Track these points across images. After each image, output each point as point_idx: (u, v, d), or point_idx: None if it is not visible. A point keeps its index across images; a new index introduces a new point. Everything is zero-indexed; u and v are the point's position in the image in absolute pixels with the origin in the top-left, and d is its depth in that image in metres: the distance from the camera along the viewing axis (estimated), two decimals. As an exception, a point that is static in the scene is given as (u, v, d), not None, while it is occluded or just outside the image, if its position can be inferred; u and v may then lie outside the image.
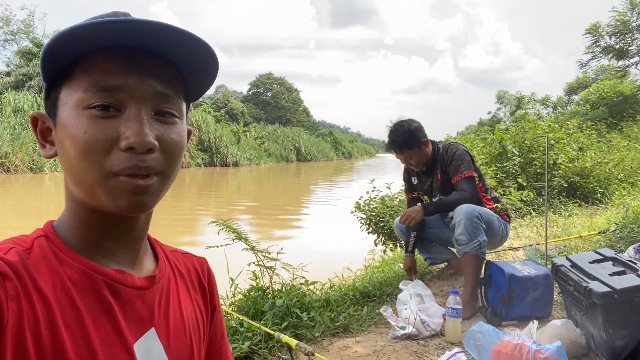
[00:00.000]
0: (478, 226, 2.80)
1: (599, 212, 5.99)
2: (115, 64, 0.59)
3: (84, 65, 0.59)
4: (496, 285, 2.78)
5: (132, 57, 0.59)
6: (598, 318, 2.05)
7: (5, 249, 0.56)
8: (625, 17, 14.59)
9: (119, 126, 0.58)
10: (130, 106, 0.59)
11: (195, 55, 0.62)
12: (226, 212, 11.52)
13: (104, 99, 0.58)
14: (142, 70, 0.60)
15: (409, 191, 3.43)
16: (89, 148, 0.57)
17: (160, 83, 0.61)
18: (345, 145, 78.84)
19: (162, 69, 0.62)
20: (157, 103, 0.61)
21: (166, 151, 0.61)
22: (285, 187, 22.41)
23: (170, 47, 0.60)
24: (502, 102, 46.80)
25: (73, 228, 0.64)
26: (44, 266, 0.57)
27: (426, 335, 2.52)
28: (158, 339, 0.65)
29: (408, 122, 3.11)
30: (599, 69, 22.76)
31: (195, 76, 0.66)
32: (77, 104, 0.58)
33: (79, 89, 0.58)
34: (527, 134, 7.30)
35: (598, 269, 2.22)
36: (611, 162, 7.43)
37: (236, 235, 2.94)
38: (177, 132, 0.63)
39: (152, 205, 0.62)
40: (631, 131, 12.50)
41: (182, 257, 0.79)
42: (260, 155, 41.37)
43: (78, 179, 0.60)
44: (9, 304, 0.51)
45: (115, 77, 0.58)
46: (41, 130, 0.65)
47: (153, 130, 0.59)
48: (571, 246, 3.86)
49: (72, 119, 0.58)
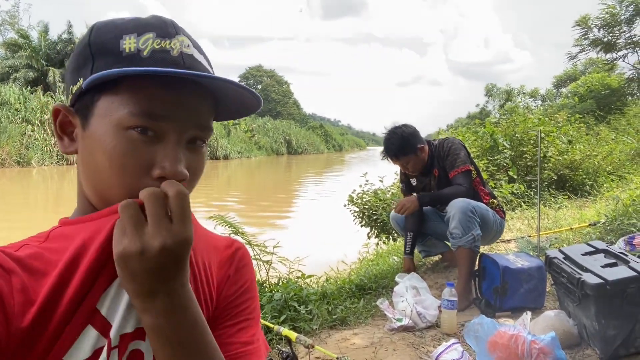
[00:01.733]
0: (472, 220, 2.84)
1: (588, 204, 6.08)
2: (164, 92, 0.58)
3: (130, 85, 0.58)
4: (490, 277, 2.82)
5: (182, 89, 0.60)
6: (590, 309, 2.10)
7: (17, 247, 0.57)
8: (615, 9, 14.72)
9: (156, 153, 0.58)
10: (170, 136, 0.59)
11: (240, 97, 0.64)
12: (217, 206, 11.49)
13: (147, 124, 0.58)
14: (189, 103, 0.60)
15: (407, 192, 3.43)
16: (123, 170, 0.58)
17: (202, 116, 0.62)
18: (336, 138, 78.87)
19: (207, 103, 0.63)
20: (195, 134, 0.62)
21: (192, 177, 0.62)
22: (276, 180, 22.39)
23: (221, 89, 0.62)
24: (490, 95, 47.06)
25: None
26: (60, 247, 0.57)
27: (422, 327, 2.56)
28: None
29: (402, 128, 3.10)
30: (588, 62, 22.99)
31: (234, 108, 0.68)
32: (119, 122, 0.58)
33: (124, 109, 0.58)
34: (517, 127, 7.37)
35: (590, 261, 2.27)
36: (600, 154, 7.54)
37: (233, 229, 2.96)
38: (203, 158, 0.65)
39: None
40: (619, 124, 12.65)
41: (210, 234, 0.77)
42: (251, 148, 41.23)
43: (100, 189, 0.61)
44: (15, 296, 0.52)
45: (164, 107, 0.58)
46: (61, 122, 0.64)
47: (185, 159, 0.60)
48: (562, 238, 3.92)
49: (110, 135, 0.58)
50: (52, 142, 24.72)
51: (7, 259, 0.54)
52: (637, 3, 14.35)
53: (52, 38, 31.96)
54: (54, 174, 21.34)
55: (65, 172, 21.82)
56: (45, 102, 25.43)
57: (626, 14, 14.71)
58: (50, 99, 26.00)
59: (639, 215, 3.55)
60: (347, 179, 18.28)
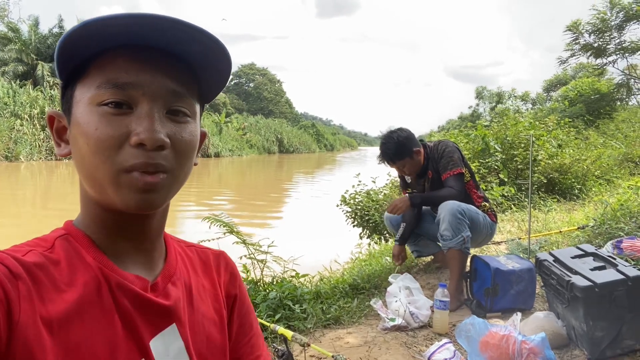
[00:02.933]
0: (462, 222, 2.88)
1: (577, 207, 6.17)
2: (128, 61, 0.59)
3: (98, 63, 0.59)
4: (481, 278, 2.87)
5: (145, 55, 0.60)
6: (579, 310, 2.16)
7: (24, 251, 0.57)
8: (605, 15, 14.90)
9: (131, 123, 0.58)
10: (142, 103, 0.59)
11: (208, 54, 0.62)
12: (208, 205, 11.47)
13: (116, 96, 0.58)
14: (155, 68, 0.60)
15: (404, 187, 3.49)
16: (100, 145, 0.57)
17: (173, 81, 0.61)
18: (328, 138, 78.90)
19: (175, 67, 0.62)
20: (170, 101, 0.61)
21: (177, 150, 0.61)
22: (268, 179, 22.38)
23: (183, 44, 0.60)
24: (480, 98, 47.36)
25: (87, 227, 0.64)
26: (65, 265, 0.58)
27: (414, 327, 2.60)
28: (179, 335, 0.65)
29: (398, 132, 3.15)
30: (578, 67, 23.23)
31: (208, 75, 0.66)
32: (90, 100, 0.59)
33: (92, 86, 0.59)
34: (509, 130, 7.45)
35: (579, 263, 2.32)
36: (588, 159, 7.64)
37: (228, 229, 2.97)
38: (189, 132, 0.63)
39: (160, 203, 0.62)
40: (607, 128, 12.83)
41: (199, 251, 0.79)
42: (242, 146, 41.17)
43: (90, 176, 0.60)
44: (21, 305, 0.52)
45: (128, 74, 0.58)
46: (57, 129, 0.66)
47: (164, 127, 0.59)
48: (551, 241, 3.99)
49: (84, 115, 0.59)
50: (40, 137, 24.49)
51: (15, 264, 0.54)
52: (627, 9, 14.54)
53: (42, 32, 31.66)
54: (42, 169, 21.14)
55: (54, 168, 21.61)
56: (35, 96, 25.17)
57: (616, 20, 14.89)
58: (40, 94, 25.75)
59: (626, 220, 3.62)
60: (338, 179, 18.33)
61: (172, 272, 0.70)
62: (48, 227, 0.69)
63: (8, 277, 0.52)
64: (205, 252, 0.81)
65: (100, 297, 0.59)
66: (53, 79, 29.09)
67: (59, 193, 13.64)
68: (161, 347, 0.63)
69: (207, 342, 0.70)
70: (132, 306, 0.61)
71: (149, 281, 0.65)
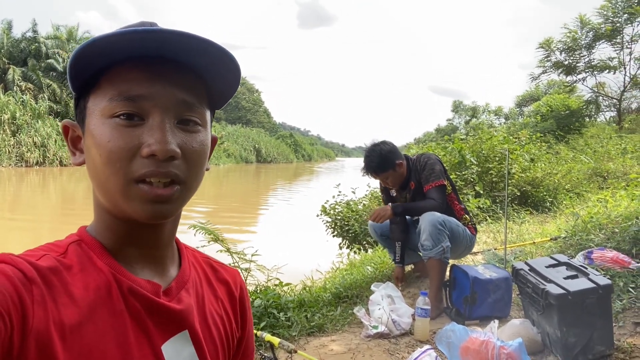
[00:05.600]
0: (442, 232, 2.97)
1: (549, 219, 6.38)
2: (139, 73, 0.60)
3: (109, 75, 0.60)
4: (460, 287, 2.97)
5: (155, 66, 0.60)
6: (553, 317, 2.26)
7: (38, 255, 0.58)
8: (576, 34, 15.50)
9: (142, 135, 0.59)
10: (153, 115, 0.59)
11: (217, 63, 0.63)
12: (185, 217, 11.33)
13: (128, 108, 0.59)
14: (166, 79, 0.61)
15: (387, 202, 3.56)
16: (112, 156, 0.58)
17: (184, 91, 0.62)
18: (306, 148, 79.08)
19: (186, 78, 0.63)
20: (181, 111, 0.61)
21: (189, 159, 0.62)
22: (246, 189, 22.26)
23: (193, 55, 0.61)
24: (457, 112, 48.34)
25: (99, 234, 0.65)
26: (78, 270, 0.59)
27: (396, 334, 2.67)
28: (190, 341, 0.66)
29: (380, 145, 3.25)
30: (550, 83, 24.02)
31: (219, 84, 0.67)
32: (102, 112, 0.60)
33: (105, 98, 0.60)
34: (484, 144, 7.66)
35: (554, 272, 2.43)
36: (559, 173, 7.90)
37: (212, 237, 3.00)
38: (200, 141, 0.64)
39: (172, 214, 0.63)
40: (577, 143, 13.26)
41: (216, 266, 0.81)
42: (220, 155, 40.89)
43: (102, 186, 0.61)
44: (35, 310, 0.52)
45: (139, 86, 0.59)
46: (72, 138, 0.67)
47: (175, 138, 0.60)
48: (526, 251, 4.12)
49: (97, 127, 0.60)
50: (11, 143, 23.84)
51: (30, 268, 0.54)
52: (596, 29, 15.16)
53: (15, 36, 31.01)
54: (12, 175, 20.57)
55: (25, 174, 21.05)
56: (6, 101, 24.54)
57: (586, 39, 15.51)
58: (12, 99, 25.12)
59: (596, 232, 3.78)
60: (317, 189, 18.38)
61: (186, 279, 0.71)
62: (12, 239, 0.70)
63: (23, 282, 0.53)
64: (225, 269, 0.82)
65: (112, 301, 0.60)
66: (25, 84, 28.42)
67: (27, 202, 13.25)
68: (172, 352, 0.63)
69: (215, 353, 0.71)
70: (144, 310, 0.62)
71: (162, 286, 0.66)
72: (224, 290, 0.79)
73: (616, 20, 14.78)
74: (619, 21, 14.76)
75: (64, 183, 19.92)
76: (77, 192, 16.24)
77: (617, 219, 3.90)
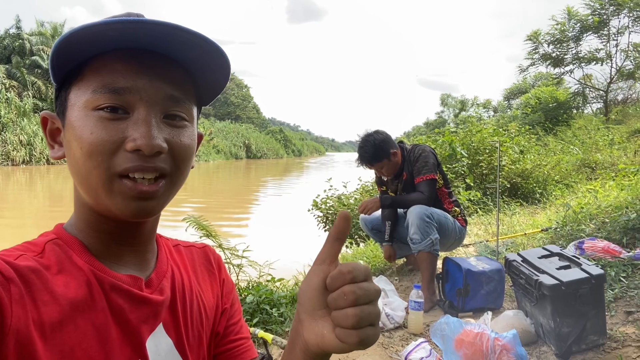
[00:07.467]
0: (430, 225, 2.97)
1: (539, 211, 6.42)
2: (125, 65, 0.57)
3: (93, 66, 0.58)
4: (453, 279, 2.96)
5: (142, 59, 0.58)
6: (547, 308, 2.26)
7: (15, 255, 0.56)
8: (564, 27, 15.59)
9: (127, 128, 0.57)
10: (139, 109, 0.57)
11: (206, 58, 0.61)
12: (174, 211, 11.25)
13: (112, 101, 0.56)
14: (153, 73, 0.58)
15: (380, 185, 3.58)
16: (94, 149, 0.56)
17: (171, 86, 0.60)
18: (296, 143, 79.00)
19: (173, 72, 0.60)
20: (167, 106, 0.59)
21: (175, 155, 0.60)
22: (236, 185, 22.17)
23: (181, 49, 0.59)
24: (445, 105, 48.55)
25: (81, 231, 0.63)
26: (57, 270, 0.57)
27: (390, 328, 2.66)
28: (165, 333, 0.65)
29: (374, 135, 3.22)
30: (537, 76, 24.14)
31: (207, 79, 0.65)
32: (86, 104, 0.57)
33: (88, 90, 0.57)
34: (474, 137, 7.68)
35: (546, 263, 2.43)
36: (549, 164, 7.96)
37: (205, 232, 2.96)
38: (187, 136, 0.62)
39: (157, 211, 0.62)
40: (565, 135, 13.36)
41: (187, 246, 0.81)
42: (209, 151, 40.71)
43: (83, 181, 0.59)
44: (13, 308, 0.50)
45: (125, 79, 0.57)
46: (50, 130, 0.64)
47: (161, 133, 0.58)
48: (517, 243, 4.14)
49: (79, 119, 0.57)
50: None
51: (7, 267, 0.53)
52: (584, 21, 15.25)
53: (-2, 32, 30.50)
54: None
55: (11, 173, 20.76)
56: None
57: (573, 31, 15.60)
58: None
59: (587, 222, 3.80)
60: (308, 184, 18.34)
61: (165, 269, 0.70)
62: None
63: (0, 281, 0.51)
64: (191, 249, 0.81)
65: (94, 299, 0.58)
66: (9, 81, 27.96)
67: (14, 201, 13.03)
68: (154, 347, 0.63)
69: (199, 338, 0.71)
70: (128, 306, 0.61)
71: (143, 279, 0.65)
72: (203, 268, 0.79)
73: (603, 12, 14.87)
74: (605, 13, 14.86)
75: (51, 182, 19.66)
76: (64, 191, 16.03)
77: (607, 209, 3.93)
